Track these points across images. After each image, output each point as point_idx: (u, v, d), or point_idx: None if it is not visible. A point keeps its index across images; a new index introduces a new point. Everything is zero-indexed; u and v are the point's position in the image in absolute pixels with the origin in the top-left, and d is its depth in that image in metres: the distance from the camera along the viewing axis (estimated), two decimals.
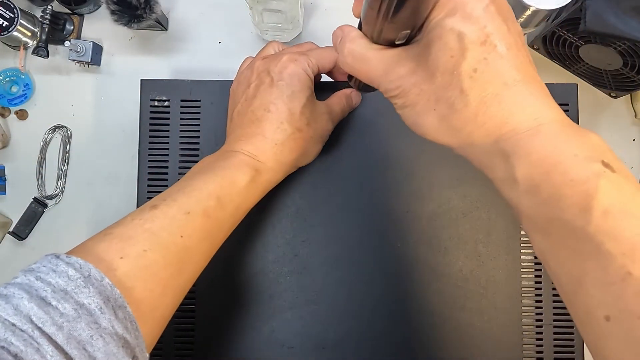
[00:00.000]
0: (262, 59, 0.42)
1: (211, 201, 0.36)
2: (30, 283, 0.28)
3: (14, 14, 0.52)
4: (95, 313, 0.27)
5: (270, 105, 0.39)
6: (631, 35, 0.43)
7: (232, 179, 0.37)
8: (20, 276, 0.29)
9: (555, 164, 0.24)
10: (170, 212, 0.34)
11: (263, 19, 0.50)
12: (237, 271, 0.45)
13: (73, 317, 0.27)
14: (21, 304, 0.26)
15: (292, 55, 0.40)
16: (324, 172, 0.45)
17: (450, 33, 0.26)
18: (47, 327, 0.26)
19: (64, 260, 0.29)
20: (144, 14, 0.49)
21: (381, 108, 0.46)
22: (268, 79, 0.40)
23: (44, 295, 0.27)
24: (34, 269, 0.29)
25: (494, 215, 0.45)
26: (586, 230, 0.23)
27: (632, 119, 0.56)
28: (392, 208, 0.45)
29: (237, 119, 0.41)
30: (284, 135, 0.39)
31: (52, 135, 0.56)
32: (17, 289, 0.27)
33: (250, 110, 0.40)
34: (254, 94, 0.40)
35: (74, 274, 0.28)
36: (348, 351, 0.44)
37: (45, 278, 0.28)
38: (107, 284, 0.29)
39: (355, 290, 0.44)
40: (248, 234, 0.45)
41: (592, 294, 0.23)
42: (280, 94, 0.39)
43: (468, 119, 0.27)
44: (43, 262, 0.29)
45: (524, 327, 0.44)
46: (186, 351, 0.44)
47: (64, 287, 0.28)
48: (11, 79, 0.56)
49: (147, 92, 0.47)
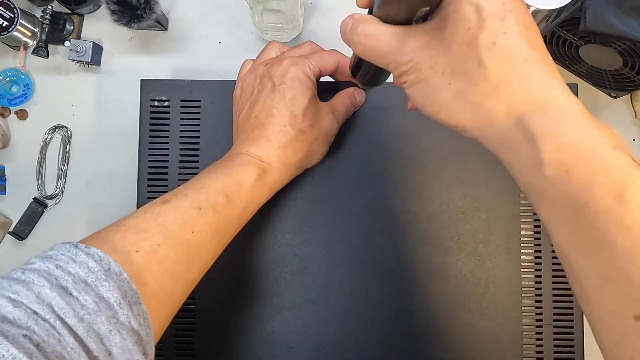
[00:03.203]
0: (265, 64, 0.42)
1: (220, 198, 0.36)
2: (49, 271, 0.28)
3: (14, 14, 0.52)
4: (114, 308, 0.28)
5: (272, 110, 0.40)
6: (631, 35, 0.43)
7: (239, 177, 0.38)
8: (37, 262, 0.28)
9: (588, 149, 0.23)
10: (181, 207, 0.35)
11: (263, 19, 0.50)
12: (237, 271, 0.45)
13: (93, 310, 0.27)
14: (43, 292, 0.26)
15: (293, 59, 0.41)
16: (324, 173, 0.45)
17: (468, 5, 0.25)
18: (69, 319, 0.26)
19: (84, 250, 0.29)
20: (144, 14, 0.49)
21: (381, 108, 0.46)
22: (270, 83, 0.40)
23: (64, 285, 0.27)
24: (52, 256, 0.29)
25: (494, 215, 0.45)
26: (621, 223, 0.21)
27: (632, 119, 0.56)
28: (392, 208, 0.45)
29: (242, 124, 0.41)
30: (288, 137, 0.40)
31: (52, 135, 0.56)
32: (36, 275, 0.27)
33: (254, 116, 0.40)
34: (257, 99, 0.41)
35: (94, 265, 0.28)
36: (348, 351, 0.44)
37: (65, 267, 0.28)
38: (125, 279, 0.29)
39: (355, 290, 0.44)
40: (248, 234, 0.45)
41: (624, 292, 0.22)
42: (282, 97, 0.39)
43: (487, 93, 0.25)
44: (61, 250, 0.29)
45: (524, 327, 0.44)
46: (186, 351, 0.44)
47: (85, 278, 0.28)
48: (11, 79, 0.56)
49: (147, 92, 0.47)
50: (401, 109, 0.46)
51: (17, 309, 0.25)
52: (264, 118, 0.40)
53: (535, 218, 0.45)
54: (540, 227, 0.45)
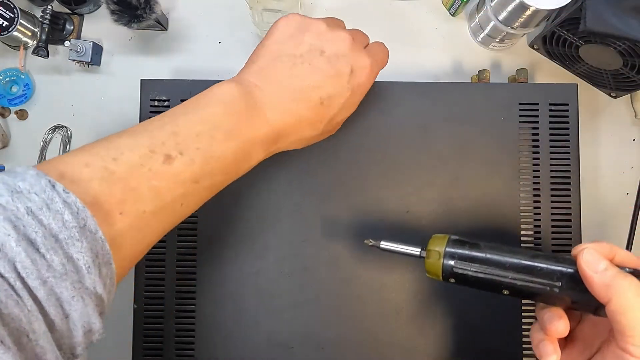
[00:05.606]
0: (351, 38, 0.38)
1: (226, 176, 0.34)
2: (18, 214, 0.25)
3: (14, 14, 0.52)
4: (82, 271, 0.26)
5: (330, 100, 0.37)
6: (631, 35, 0.43)
7: (252, 155, 0.36)
8: (4, 194, 0.25)
9: None
10: (183, 175, 0.31)
11: (263, 19, 0.50)
12: (237, 271, 0.45)
13: (59, 273, 0.25)
14: (7, 244, 0.24)
15: (375, 65, 0.39)
16: (324, 172, 0.45)
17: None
18: (31, 280, 0.24)
19: (62, 195, 0.26)
20: (144, 14, 0.49)
21: (381, 109, 0.46)
22: (347, 69, 0.37)
23: (33, 238, 0.25)
24: (23, 192, 0.25)
25: (494, 215, 0.45)
26: None
27: (632, 119, 0.56)
28: (392, 208, 0.45)
29: (281, 68, 0.37)
30: (313, 133, 0.38)
31: (52, 135, 0.56)
32: (2, 217, 0.24)
33: (309, 84, 0.36)
34: (327, 72, 0.37)
35: (69, 219, 0.26)
36: (348, 351, 0.44)
37: (37, 214, 0.25)
38: (100, 238, 0.27)
39: (355, 290, 0.44)
40: (248, 234, 0.45)
41: None
42: (349, 99, 0.38)
43: None
44: (35, 187, 0.26)
45: (524, 327, 0.44)
46: (186, 351, 0.44)
47: (57, 233, 0.25)
48: (11, 79, 0.56)
49: (147, 92, 0.47)
50: (401, 109, 0.46)
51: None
52: (313, 96, 0.37)
53: (536, 218, 0.45)
54: (541, 227, 0.45)
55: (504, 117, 0.46)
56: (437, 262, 0.35)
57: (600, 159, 0.56)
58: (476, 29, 0.55)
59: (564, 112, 0.46)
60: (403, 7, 0.57)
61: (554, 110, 0.46)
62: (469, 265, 0.34)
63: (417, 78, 0.55)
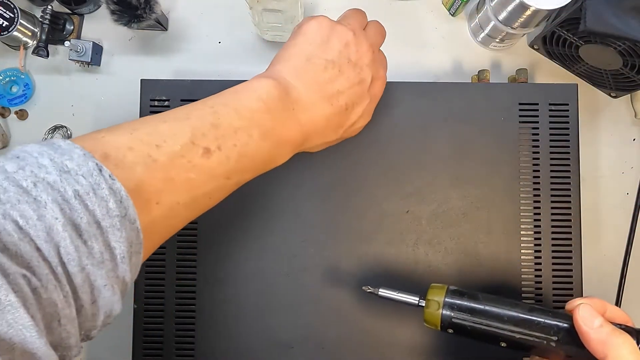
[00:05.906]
0: (372, 59, 0.40)
1: (254, 173, 0.35)
2: (66, 196, 0.25)
3: (14, 14, 0.52)
4: (116, 260, 0.26)
5: (354, 106, 0.39)
6: (631, 35, 0.43)
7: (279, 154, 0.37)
8: (52, 172, 0.25)
9: None
10: (217, 170, 0.32)
11: (263, 19, 0.50)
12: (236, 271, 0.45)
13: (97, 261, 0.25)
14: (54, 228, 0.24)
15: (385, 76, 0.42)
16: (323, 173, 0.45)
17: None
18: (71, 267, 0.24)
19: (108, 181, 0.26)
20: (144, 14, 0.49)
21: (381, 109, 0.46)
22: (368, 82, 0.40)
23: (78, 223, 0.25)
24: (70, 172, 0.25)
25: (494, 215, 0.45)
26: None
27: (632, 119, 0.56)
28: (392, 208, 0.45)
29: (312, 70, 0.38)
30: (334, 137, 0.40)
31: (52, 135, 0.56)
32: (50, 198, 0.24)
33: (336, 89, 0.38)
34: (354, 79, 0.38)
35: (113, 207, 0.26)
36: (348, 351, 0.44)
37: (84, 199, 0.25)
38: (137, 228, 0.27)
39: (355, 290, 0.44)
40: (248, 234, 0.45)
41: None
42: (368, 110, 0.41)
43: None
44: (82, 169, 0.25)
45: None
46: (186, 351, 0.44)
47: (100, 220, 0.25)
48: (11, 79, 0.56)
49: (147, 92, 0.47)
50: (401, 109, 0.46)
51: (22, 242, 0.23)
52: (340, 101, 0.38)
53: (536, 218, 0.45)
54: (540, 227, 0.45)
55: (504, 117, 0.46)
56: (436, 312, 0.36)
57: (600, 159, 0.56)
58: (476, 29, 0.55)
59: (564, 112, 0.46)
60: (403, 7, 0.57)
61: (554, 110, 0.46)
62: (468, 316, 0.35)
63: (417, 78, 0.55)
